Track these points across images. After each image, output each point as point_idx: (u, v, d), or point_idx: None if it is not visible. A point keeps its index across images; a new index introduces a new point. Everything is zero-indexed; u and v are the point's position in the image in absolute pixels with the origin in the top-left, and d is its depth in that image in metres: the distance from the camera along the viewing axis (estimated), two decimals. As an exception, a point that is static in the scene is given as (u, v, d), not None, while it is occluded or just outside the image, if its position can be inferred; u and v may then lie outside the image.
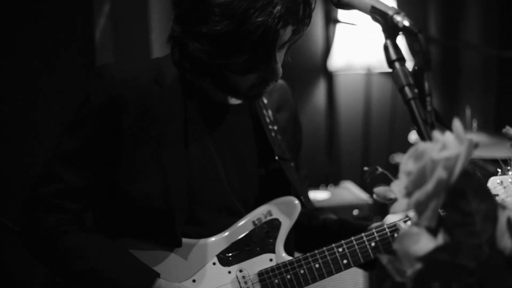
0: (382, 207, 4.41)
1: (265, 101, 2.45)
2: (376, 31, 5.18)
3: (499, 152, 3.50)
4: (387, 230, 2.27)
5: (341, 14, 5.23)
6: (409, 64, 1.53)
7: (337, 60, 5.32)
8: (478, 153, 4.11)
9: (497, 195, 2.11)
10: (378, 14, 1.67)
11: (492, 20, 5.85)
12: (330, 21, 5.45)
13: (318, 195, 4.61)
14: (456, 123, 1.20)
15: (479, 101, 5.87)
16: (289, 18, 2.05)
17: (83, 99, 2.25)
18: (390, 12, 1.63)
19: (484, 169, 3.41)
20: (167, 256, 2.27)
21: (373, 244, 2.27)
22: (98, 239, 2.27)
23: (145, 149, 2.21)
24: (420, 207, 1.19)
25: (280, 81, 2.48)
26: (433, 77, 5.85)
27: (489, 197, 1.16)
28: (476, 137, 4.46)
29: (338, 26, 5.32)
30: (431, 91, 1.49)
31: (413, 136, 4.80)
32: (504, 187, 2.11)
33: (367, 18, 1.72)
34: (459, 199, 1.16)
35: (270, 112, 2.44)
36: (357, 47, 5.22)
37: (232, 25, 2.02)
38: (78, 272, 2.23)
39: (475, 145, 1.17)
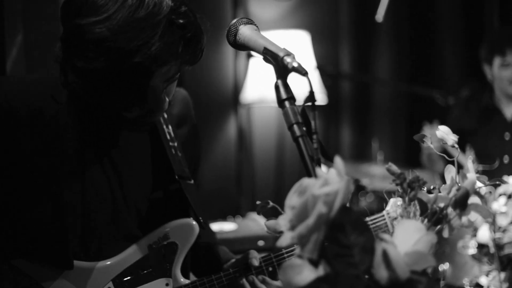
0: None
1: (165, 116, 2.36)
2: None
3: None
4: (283, 251, 2.30)
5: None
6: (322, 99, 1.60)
7: (250, 93, 5.40)
8: (384, 185, 4.22)
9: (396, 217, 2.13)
10: (269, 55, 1.74)
11: (402, 55, 6.05)
12: (240, 55, 5.52)
13: (225, 227, 4.63)
14: (337, 160, 1.27)
15: (389, 134, 6.04)
16: (168, 58, 2.01)
17: None
18: (281, 54, 1.71)
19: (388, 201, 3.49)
20: (60, 280, 2.18)
21: (270, 269, 2.29)
22: None
23: (39, 172, 2.10)
24: (302, 240, 1.25)
25: (182, 93, 2.46)
26: (344, 111, 6.03)
27: (367, 230, 1.23)
28: (382, 169, 4.57)
29: (251, 59, 5.40)
30: (317, 129, 1.57)
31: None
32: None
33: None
34: (339, 233, 1.23)
35: (170, 127, 2.37)
36: (271, 81, 5.30)
37: (104, 63, 1.97)
38: None
39: (355, 182, 1.24)
